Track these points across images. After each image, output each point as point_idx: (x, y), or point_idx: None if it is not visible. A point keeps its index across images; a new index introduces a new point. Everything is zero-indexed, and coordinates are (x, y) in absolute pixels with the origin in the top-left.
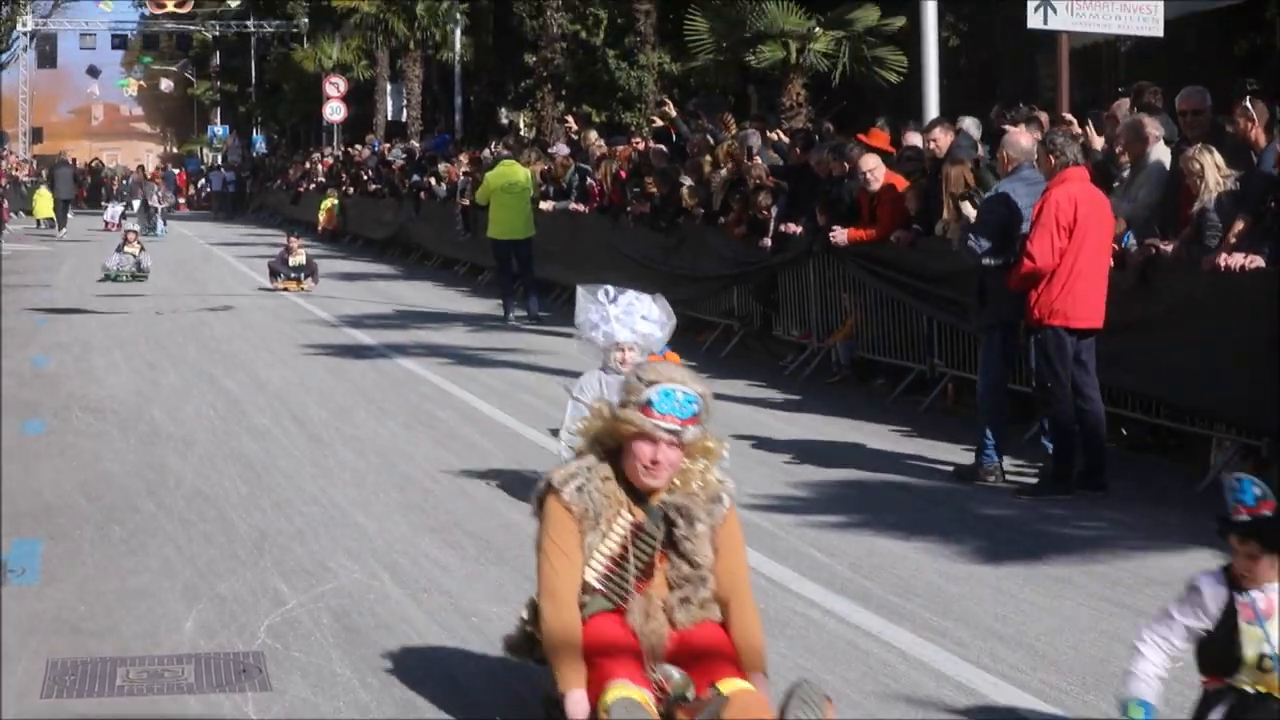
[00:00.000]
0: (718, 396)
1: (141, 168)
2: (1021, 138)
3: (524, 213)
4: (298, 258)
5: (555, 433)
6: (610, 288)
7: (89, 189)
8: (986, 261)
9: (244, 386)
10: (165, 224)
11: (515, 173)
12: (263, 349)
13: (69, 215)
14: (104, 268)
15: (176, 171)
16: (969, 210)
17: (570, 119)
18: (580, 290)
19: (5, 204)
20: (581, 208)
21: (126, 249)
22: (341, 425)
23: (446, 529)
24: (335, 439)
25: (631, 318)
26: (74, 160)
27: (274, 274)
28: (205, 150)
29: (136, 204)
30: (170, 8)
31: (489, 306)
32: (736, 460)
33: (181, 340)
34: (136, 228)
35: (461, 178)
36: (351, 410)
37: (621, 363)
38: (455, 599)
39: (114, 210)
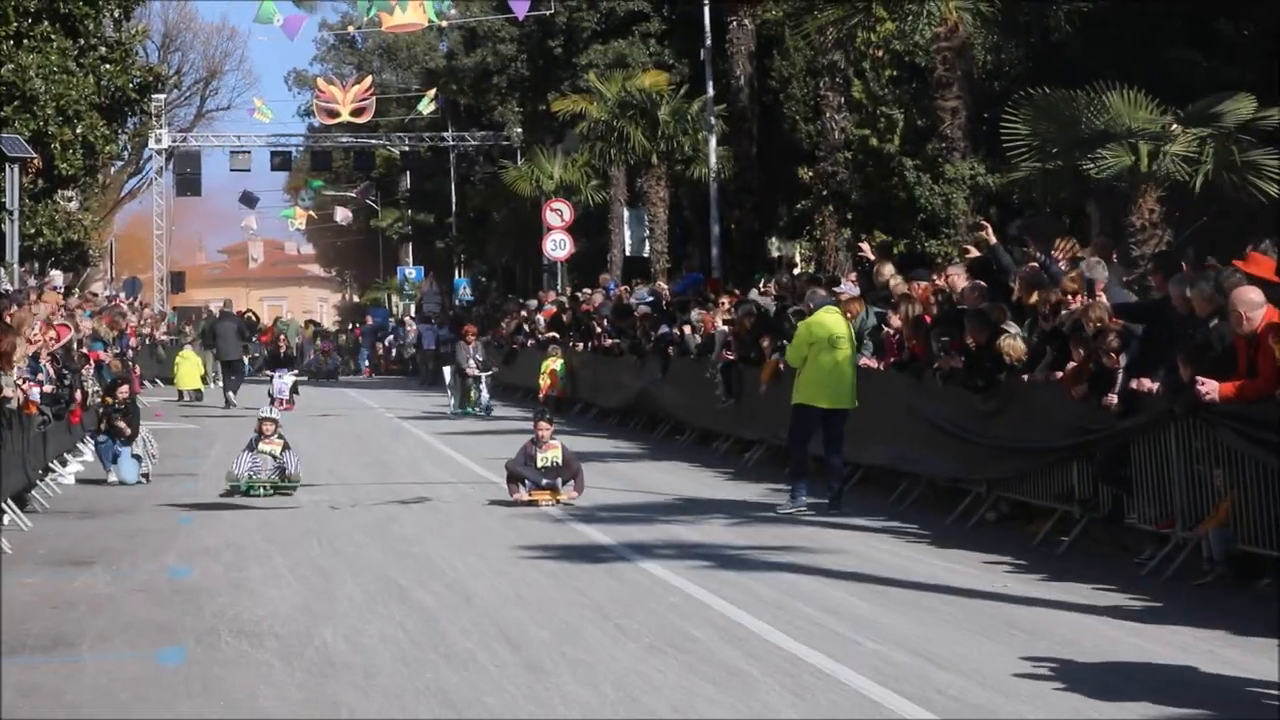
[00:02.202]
0: (1054, 604)
1: (312, 323)
2: None
3: (853, 375)
4: (550, 453)
5: None
6: None
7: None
8: None
9: (442, 600)
10: (489, 397)
11: (839, 323)
12: (467, 551)
13: (233, 380)
14: (229, 475)
15: (353, 326)
16: None
17: (865, 246)
18: None
19: (137, 370)
20: (875, 362)
21: (262, 445)
22: (567, 648)
23: None
24: (559, 666)
25: None
26: (243, 313)
27: (515, 479)
28: (394, 298)
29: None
30: (345, 116)
31: (757, 492)
32: (1078, 683)
33: (363, 541)
34: (276, 415)
35: (721, 327)
36: (579, 629)
37: None
38: None
39: (282, 383)
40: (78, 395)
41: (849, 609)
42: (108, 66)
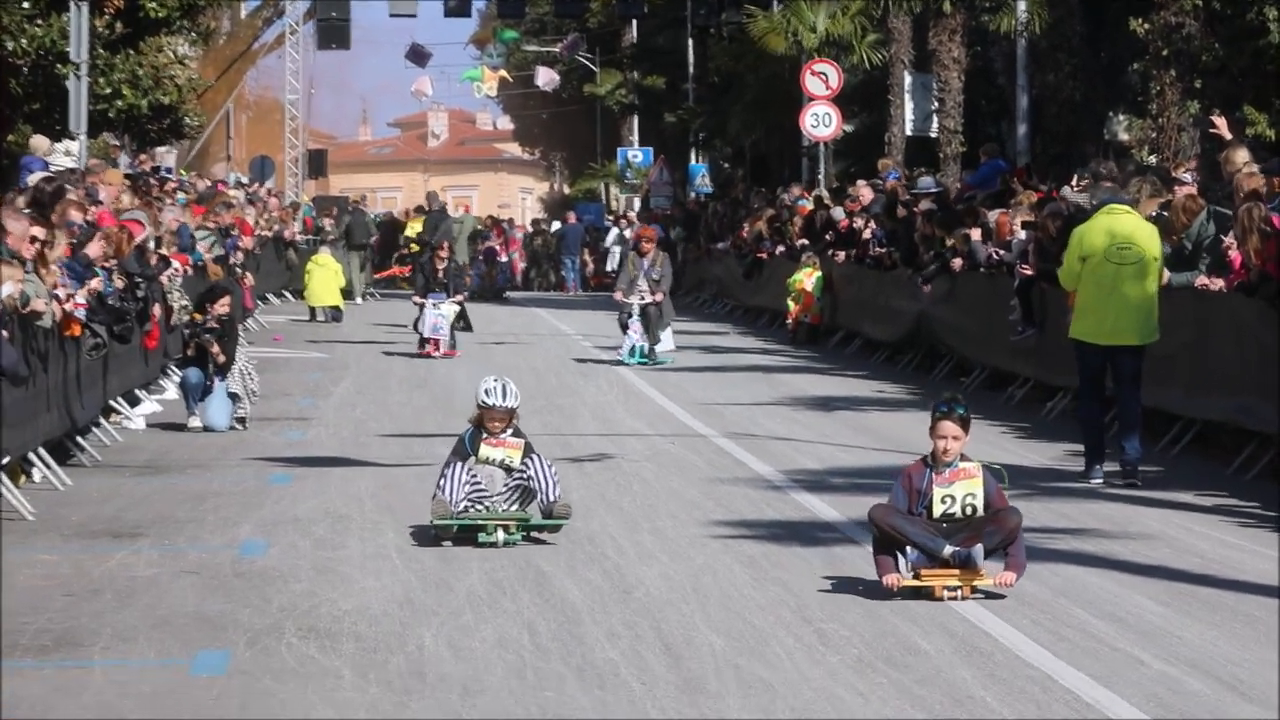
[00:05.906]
0: None
1: (496, 222)
2: None
3: (1147, 301)
4: (962, 484)
5: None
6: None
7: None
8: None
9: (592, 592)
10: (665, 342)
11: (1127, 226)
12: (643, 527)
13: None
14: (437, 507)
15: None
16: None
17: (1220, 122)
18: None
19: (249, 279)
20: (1215, 283)
21: (485, 448)
22: (742, 661)
23: None
24: (726, 686)
25: None
26: (357, 201)
27: (891, 544)
28: (613, 189)
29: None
30: None
31: (1055, 455)
32: None
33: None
34: (513, 402)
35: (1020, 233)
36: (766, 635)
37: None
38: None
39: (436, 314)
40: (155, 311)
41: (1139, 616)
42: None
